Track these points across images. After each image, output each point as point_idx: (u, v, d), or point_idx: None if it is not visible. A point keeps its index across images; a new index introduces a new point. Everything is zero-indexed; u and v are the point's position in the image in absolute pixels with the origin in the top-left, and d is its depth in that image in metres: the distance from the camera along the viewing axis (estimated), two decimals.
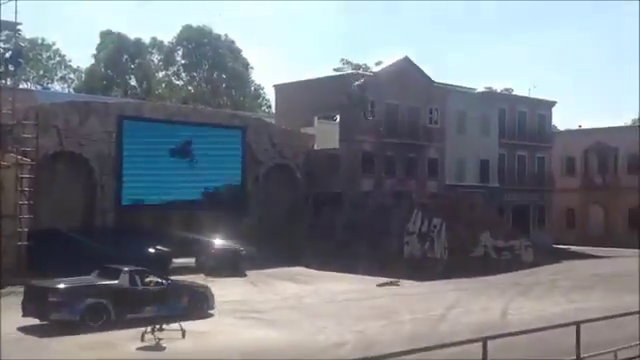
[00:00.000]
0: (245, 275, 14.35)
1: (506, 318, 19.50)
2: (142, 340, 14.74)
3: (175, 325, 15.19)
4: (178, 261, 25.51)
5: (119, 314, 16.89)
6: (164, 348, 14.50)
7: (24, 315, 16.75)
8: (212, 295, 19.12)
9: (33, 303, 16.76)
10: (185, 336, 15.15)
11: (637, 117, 76.01)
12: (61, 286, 17.07)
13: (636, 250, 44.15)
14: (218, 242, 15.30)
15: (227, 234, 34.81)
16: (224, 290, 24.65)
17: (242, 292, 24.33)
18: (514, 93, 54.40)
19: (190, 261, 30.63)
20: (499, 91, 54.08)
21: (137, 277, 17.78)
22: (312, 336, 16.19)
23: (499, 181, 46.81)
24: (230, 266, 15.05)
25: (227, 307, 20.06)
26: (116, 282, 17.51)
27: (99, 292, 17.13)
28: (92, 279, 17.93)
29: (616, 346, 11.88)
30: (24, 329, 16.01)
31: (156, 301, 17.52)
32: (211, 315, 18.64)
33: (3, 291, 22.23)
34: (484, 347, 8.76)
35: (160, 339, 14.85)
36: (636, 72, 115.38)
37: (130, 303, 17.25)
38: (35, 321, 16.37)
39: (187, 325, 15.46)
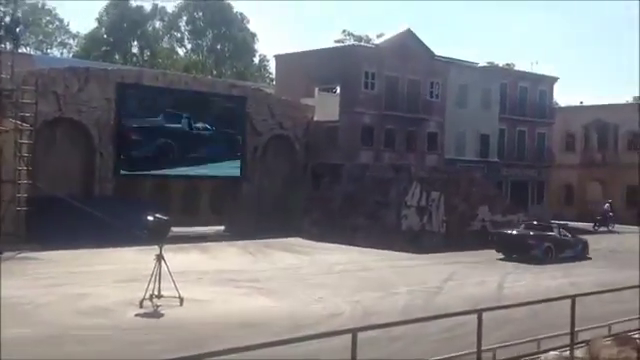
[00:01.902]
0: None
1: (502, 292, 19.62)
2: (140, 307, 14.82)
3: (173, 292, 15.26)
4: (177, 230, 25.61)
5: (556, 253, 27.02)
6: (162, 315, 14.59)
7: (498, 251, 27.62)
8: (588, 245, 29.06)
9: (512, 245, 27.40)
10: (183, 304, 15.23)
11: (637, 95, 75.79)
12: (533, 233, 27.90)
13: (634, 227, 44.35)
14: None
15: (225, 204, 35.06)
16: (221, 260, 24.85)
17: (239, 262, 24.48)
18: (516, 68, 54.17)
19: (190, 230, 30.88)
20: (501, 66, 53.86)
21: (561, 230, 28.71)
22: (308, 306, 16.29)
23: (499, 156, 46.79)
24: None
25: (224, 276, 20.20)
26: (553, 233, 28.12)
27: (550, 239, 27.49)
28: (529, 231, 28.26)
29: (610, 320, 12.02)
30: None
31: (569, 247, 28.11)
32: (589, 258, 28.24)
33: (3, 256, 22.35)
34: (479, 319, 8.81)
35: (158, 306, 14.94)
36: (636, 50, 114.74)
37: (559, 247, 27.48)
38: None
39: (186, 292, 15.53)
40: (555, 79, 51.59)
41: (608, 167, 53.45)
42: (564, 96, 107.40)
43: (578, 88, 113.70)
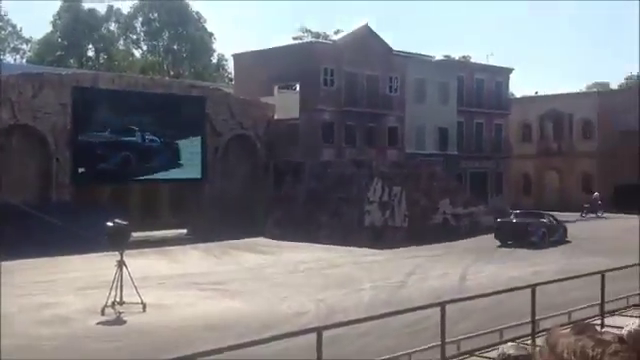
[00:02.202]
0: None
1: (465, 283, 19.85)
2: (102, 314, 14.60)
3: (136, 299, 15.07)
4: (138, 234, 25.28)
5: (548, 238, 29.52)
6: (125, 322, 14.40)
7: (497, 238, 29.78)
8: (567, 230, 31.61)
9: (512, 232, 29.70)
10: (146, 309, 15.05)
11: (591, 84, 77.47)
12: (532, 221, 30.38)
13: (591, 215, 45.37)
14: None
15: (186, 207, 34.76)
16: (183, 263, 24.64)
17: (203, 264, 24.31)
18: (472, 61, 54.80)
19: (151, 234, 30.55)
20: (457, 59, 54.43)
21: (550, 218, 31.47)
22: (274, 306, 16.26)
23: (458, 148, 47.27)
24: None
25: (188, 280, 20.06)
26: (545, 220, 31.02)
27: (545, 225, 30.48)
28: (526, 219, 30.82)
29: (571, 307, 12.25)
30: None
31: (556, 231, 30.65)
32: (569, 242, 30.44)
33: None
34: (442, 312, 8.89)
35: (120, 313, 14.74)
36: (590, 39, 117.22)
37: (550, 232, 30.10)
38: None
39: (149, 297, 15.36)
40: (510, 70, 52.30)
41: (564, 156, 54.50)
42: (519, 87, 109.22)
43: (533, 78, 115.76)
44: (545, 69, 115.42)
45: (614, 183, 50.14)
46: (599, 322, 11.16)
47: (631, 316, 11.02)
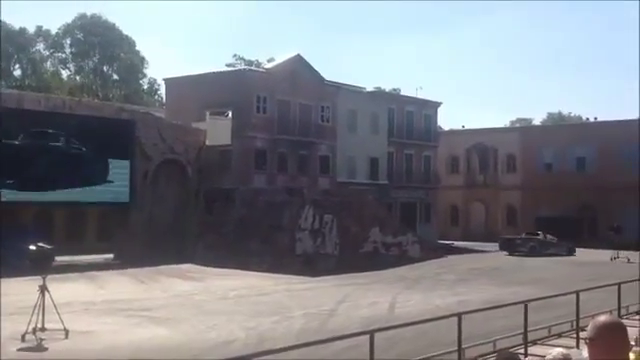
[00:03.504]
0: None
1: (393, 312, 20.05)
2: (22, 341, 14.05)
3: (58, 325, 14.58)
4: (62, 258, 24.49)
5: (540, 250, 39.46)
6: (46, 349, 13.90)
7: (502, 250, 41.10)
8: (574, 248, 40.90)
9: (511, 244, 40.88)
10: (68, 336, 14.57)
11: (515, 119, 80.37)
12: (526, 237, 41.56)
13: None
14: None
15: (113, 231, 33.95)
16: (109, 289, 24.00)
17: (130, 290, 23.73)
18: (402, 93, 56.05)
19: (76, 258, 29.65)
20: (387, 91, 55.56)
21: (549, 237, 41.69)
22: (202, 334, 16.01)
23: (388, 178, 48.03)
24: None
25: (114, 306, 19.54)
26: (539, 237, 41.44)
27: (534, 240, 41.10)
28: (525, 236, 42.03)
29: (495, 336, 12.56)
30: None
31: (553, 247, 40.30)
32: (574, 255, 40.29)
33: None
34: (371, 340, 8.96)
35: (42, 339, 14.22)
36: (516, 75, 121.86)
37: (542, 246, 40.20)
38: None
39: (72, 324, 14.88)
40: (438, 104, 53.71)
41: (489, 188, 56.13)
42: (447, 120, 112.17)
43: (460, 113, 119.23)
44: (471, 104, 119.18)
45: (535, 215, 51.90)
46: (523, 351, 11.47)
47: (553, 345, 11.39)
